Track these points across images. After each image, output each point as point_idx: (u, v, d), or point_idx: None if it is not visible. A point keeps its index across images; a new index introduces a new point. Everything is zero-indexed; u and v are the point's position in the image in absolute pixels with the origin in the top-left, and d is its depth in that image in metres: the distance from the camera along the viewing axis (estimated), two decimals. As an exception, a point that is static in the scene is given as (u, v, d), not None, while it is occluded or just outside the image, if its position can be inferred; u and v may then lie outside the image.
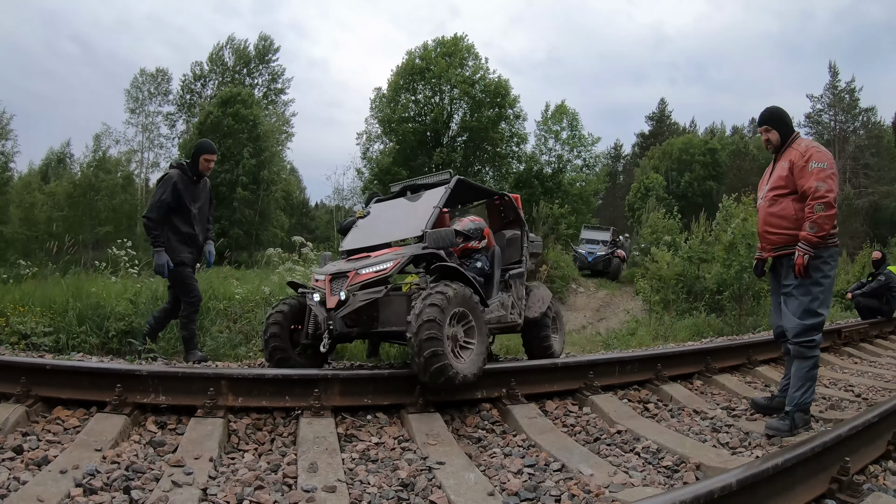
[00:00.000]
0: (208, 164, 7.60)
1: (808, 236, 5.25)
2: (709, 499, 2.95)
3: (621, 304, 23.75)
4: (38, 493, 3.51)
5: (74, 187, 47.35)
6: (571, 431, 5.36)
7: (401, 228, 6.89)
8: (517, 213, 8.00)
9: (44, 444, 4.37)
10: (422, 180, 7.44)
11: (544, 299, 7.83)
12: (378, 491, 3.89)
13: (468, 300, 5.56)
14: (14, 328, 7.76)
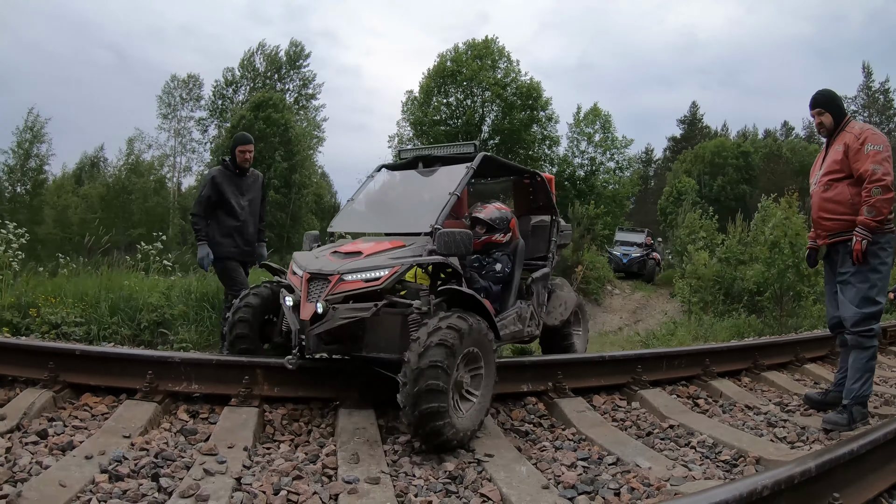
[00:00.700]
0: (244, 156, 7.54)
1: (866, 220, 5.06)
2: (789, 483, 2.92)
3: (657, 306, 23.47)
4: (61, 477, 3.43)
5: (108, 190, 47.95)
6: (622, 426, 5.20)
7: (404, 217, 5.87)
8: (549, 197, 6.98)
9: (70, 429, 4.33)
10: (439, 151, 6.21)
11: (567, 304, 7.01)
12: (425, 483, 3.76)
13: (482, 339, 4.46)
14: (45, 318, 7.83)
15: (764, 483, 2.81)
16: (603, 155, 47.72)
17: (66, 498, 3.23)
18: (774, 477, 2.89)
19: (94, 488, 3.40)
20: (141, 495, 3.34)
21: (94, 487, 3.41)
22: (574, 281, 22.13)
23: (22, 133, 47.33)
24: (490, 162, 6.04)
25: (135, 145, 53.09)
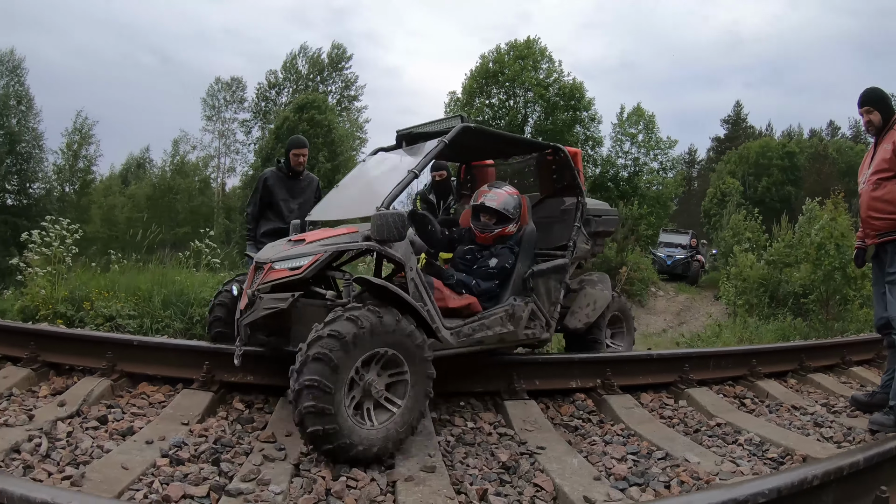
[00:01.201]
0: (298, 159, 7.56)
1: None
2: (838, 474, 3.04)
3: (702, 309, 23.28)
4: (123, 461, 3.58)
5: (154, 190, 48.75)
6: (669, 423, 5.24)
7: (360, 201, 5.11)
8: (574, 175, 6.10)
9: (128, 416, 4.51)
10: (423, 127, 5.59)
11: (597, 303, 6.24)
12: (479, 473, 3.86)
13: (402, 339, 3.92)
14: (98, 311, 8.08)
15: (814, 473, 2.93)
16: (646, 155, 47.31)
17: (129, 480, 3.38)
18: (824, 468, 3.01)
19: (156, 471, 3.55)
20: (202, 479, 3.48)
21: (156, 471, 3.56)
22: (618, 282, 22.06)
23: (71, 135, 48.31)
24: (476, 135, 5.36)
25: (180, 146, 54.01)
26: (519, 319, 5.16)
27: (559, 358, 5.82)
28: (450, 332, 4.60)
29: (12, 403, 4.62)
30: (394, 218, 4.17)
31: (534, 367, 5.59)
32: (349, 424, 3.68)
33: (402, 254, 4.37)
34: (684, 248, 30.92)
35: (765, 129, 71.05)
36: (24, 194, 34.58)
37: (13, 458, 3.59)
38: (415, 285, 4.40)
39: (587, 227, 6.15)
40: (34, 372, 5.24)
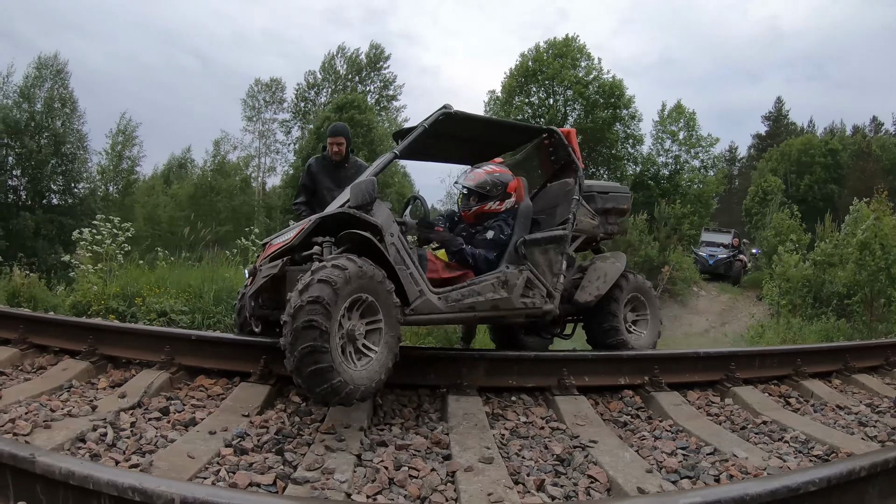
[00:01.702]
0: (332, 148, 7.53)
1: None
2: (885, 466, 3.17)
3: (744, 309, 23.07)
4: (188, 450, 3.71)
5: (195, 189, 49.42)
6: (716, 420, 5.26)
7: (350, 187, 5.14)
8: (569, 153, 6.25)
9: (189, 407, 4.65)
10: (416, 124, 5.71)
11: (607, 275, 6.25)
12: (535, 464, 3.95)
13: (375, 285, 4.21)
14: (150, 307, 8.29)
15: (862, 465, 3.05)
16: (688, 153, 46.96)
17: (196, 468, 3.50)
18: (871, 460, 3.13)
19: (221, 460, 3.68)
20: (267, 467, 3.61)
21: (221, 460, 3.69)
22: (660, 281, 21.97)
23: (115, 136, 49.14)
24: (459, 121, 5.53)
25: (220, 147, 54.75)
26: (513, 287, 5.27)
27: (608, 355, 5.88)
28: (437, 296, 4.82)
29: (73, 395, 4.79)
30: (366, 184, 4.51)
31: (584, 363, 5.66)
32: (341, 364, 3.97)
33: (382, 220, 4.61)
34: (726, 248, 30.64)
35: (806, 126, 69.93)
36: (70, 194, 35.20)
37: (79, 447, 3.73)
38: (395, 249, 4.64)
39: (592, 203, 6.30)
40: (93, 365, 5.43)
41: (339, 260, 4.07)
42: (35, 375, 5.31)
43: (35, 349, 5.86)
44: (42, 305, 9.37)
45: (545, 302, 5.58)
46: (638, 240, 22.27)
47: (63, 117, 35.26)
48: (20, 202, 32.70)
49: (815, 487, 2.88)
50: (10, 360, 5.57)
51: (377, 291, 4.23)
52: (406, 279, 4.62)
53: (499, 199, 5.68)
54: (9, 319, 6.12)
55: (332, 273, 3.95)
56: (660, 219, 25.43)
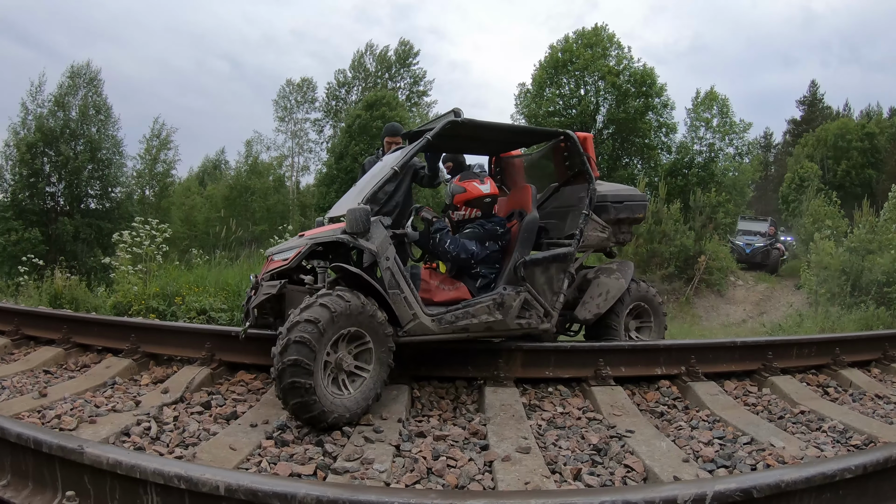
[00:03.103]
0: (389, 147, 7.35)
1: None
2: None
3: (782, 298, 22.71)
4: (230, 442, 3.86)
5: (230, 190, 49.90)
6: (753, 409, 5.25)
7: (350, 197, 5.45)
8: (583, 161, 6.03)
9: (230, 402, 4.80)
10: (426, 125, 5.92)
11: (609, 293, 6.17)
12: (572, 454, 4.00)
13: (367, 318, 4.40)
14: (190, 305, 8.44)
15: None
16: (722, 140, 46.37)
17: (238, 460, 3.65)
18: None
19: (262, 452, 3.82)
20: (308, 458, 3.74)
21: (262, 451, 3.83)
22: (697, 271, 21.79)
23: (149, 140, 49.73)
24: (466, 128, 5.48)
25: (253, 147, 55.17)
26: (508, 308, 5.27)
27: (645, 345, 5.86)
28: (431, 318, 4.90)
29: (116, 391, 4.99)
30: (360, 212, 4.61)
31: (620, 353, 5.67)
32: (326, 395, 4.18)
33: (377, 246, 4.75)
34: (763, 236, 30.22)
35: (842, 110, 68.56)
36: (107, 198, 35.69)
37: (123, 441, 3.89)
38: (390, 274, 4.77)
39: (604, 214, 6.16)
40: (135, 362, 5.63)
41: (328, 297, 4.27)
42: (79, 373, 5.52)
43: (78, 348, 6.10)
44: (83, 306, 9.54)
45: (542, 321, 5.54)
46: (673, 229, 22.02)
47: (98, 124, 35.71)
48: (59, 208, 33.22)
49: (851, 475, 2.88)
50: (55, 359, 5.82)
51: (366, 324, 4.42)
52: (399, 303, 4.76)
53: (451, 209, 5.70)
54: (53, 320, 6.37)
55: (318, 312, 4.16)
56: (695, 208, 25.05)
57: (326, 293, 4.32)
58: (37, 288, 10.93)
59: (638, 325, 6.62)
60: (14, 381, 5.16)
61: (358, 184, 5.88)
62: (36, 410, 4.38)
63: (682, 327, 14.20)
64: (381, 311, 4.51)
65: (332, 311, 4.18)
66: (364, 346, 4.47)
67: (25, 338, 6.44)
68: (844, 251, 16.47)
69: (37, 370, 5.58)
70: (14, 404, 4.46)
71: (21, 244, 28.84)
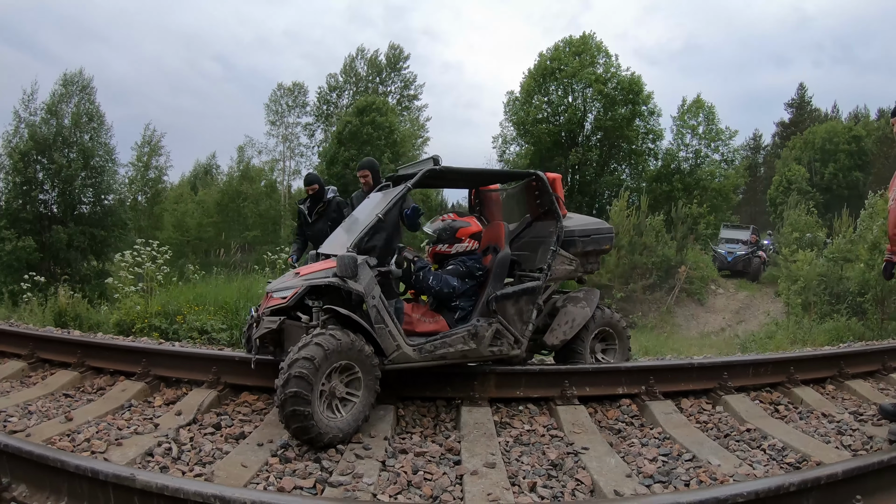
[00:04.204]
0: (361, 180, 8.43)
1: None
2: (816, 483, 3.55)
3: (761, 307, 23.24)
4: (241, 460, 4.51)
5: (222, 195, 50.25)
6: (704, 427, 5.73)
7: (341, 239, 6.14)
8: (551, 199, 6.62)
9: (237, 422, 5.41)
10: (405, 169, 6.73)
11: (574, 321, 6.64)
12: (531, 469, 4.62)
13: (356, 353, 5.04)
14: (191, 325, 8.98)
15: (791, 481, 3.50)
16: (708, 147, 46.96)
17: (249, 475, 4.29)
18: (802, 476, 3.57)
19: (269, 468, 4.47)
20: (308, 473, 4.40)
21: (269, 468, 4.48)
22: (678, 281, 22.33)
23: (140, 147, 50.09)
24: (444, 175, 6.24)
25: (245, 152, 55.61)
26: (482, 339, 5.88)
27: (607, 367, 6.40)
28: (412, 348, 5.53)
29: (134, 413, 5.59)
30: (350, 260, 5.24)
31: (584, 375, 6.22)
32: (322, 420, 4.83)
33: (364, 286, 5.37)
34: (745, 244, 30.75)
35: (831, 111, 69.00)
36: (99, 205, 35.90)
37: (148, 461, 4.48)
38: (376, 310, 5.40)
39: (572, 248, 6.73)
40: (147, 385, 6.22)
41: (321, 337, 4.89)
42: (97, 396, 6.10)
43: (92, 371, 6.69)
44: (87, 323, 10.04)
45: (512, 348, 6.13)
46: (654, 241, 22.59)
47: (91, 131, 35.89)
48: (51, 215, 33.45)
49: (744, 500, 3.35)
50: (72, 382, 6.43)
51: (356, 357, 5.07)
52: (384, 336, 5.39)
53: (447, 243, 6.30)
54: (68, 345, 6.99)
55: (314, 351, 4.79)
56: (677, 219, 25.59)
57: (320, 333, 4.96)
58: (40, 305, 11.44)
59: (604, 348, 7.09)
60: (39, 406, 5.70)
61: (347, 222, 6.68)
62: (66, 434, 4.92)
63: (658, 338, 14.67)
64: (368, 345, 5.17)
65: (325, 348, 4.82)
66: (354, 376, 5.11)
67: (40, 361, 7.00)
68: (823, 261, 16.83)
69: (57, 394, 6.13)
70: (44, 429, 5.00)
71: (15, 253, 29.11)
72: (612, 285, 21.66)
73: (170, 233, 47.51)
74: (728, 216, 43.67)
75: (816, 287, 16.48)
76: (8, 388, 6.33)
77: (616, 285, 21.66)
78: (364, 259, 5.42)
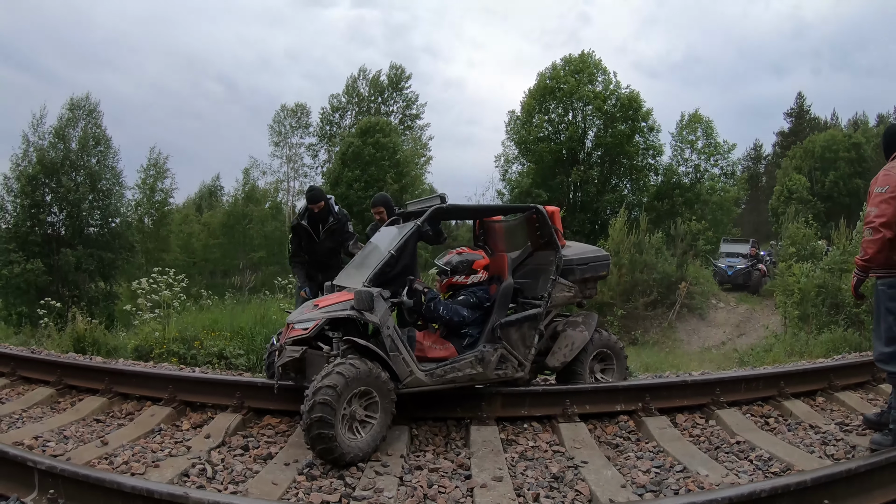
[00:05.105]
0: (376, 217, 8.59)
1: (856, 259, 5.54)
2: (786, 489, 3.90)
3: (761, 319, 23.40)
4: (271, 479, 4.94)
5: (227, 217, 50.63)
6: (696, 441, 6.07)
7: (357, 273, 6.57)
8: (550, 231, 7.05)
9: (264, 444, 5.84)
10: (412, 205, 7.28)
11: (574, 344, 6.98)
12: (535, 481, 5.04)
13: (374, 380, 5.45)
14: (209, 350, 9.37)
15: (763, 487, 3.89)
16: (707, 161, 47.33)
17: (280, 492, 4.74)
18: (773, 483, 3.95)
19: (298, 486, 4.90)
20: (333, 489, 4.84)
21: (297, 485, 4.92)
22: (679, 297, 22.62)
23: (146, 170, 50.49)
24: (450, 212, 6.93)
25: (250, 173, 56.14)
26: (488, 363, 6.33)
27: (606, 386, 6.83)
28: (424, 373, 5.97)
29: (164, 437, 6.01)
30: (366, 294, 5.67)
31: (584, 394, 6.64)
32: (345, 441, 5.22)
33: (379, 318, 5.79)
34: (745, 258, 30.97)
35: (830, 119, 69.11)
36: (107, 228, 36.22)
37: (185, 481, 4.91)
38: (391, 340, 5.82)
39: (570, 276, 7.11)
40: (174, 410, 6.62)
41: (343, 367, 5.31)
42: (127, 421, 6.51)
43: (119, 397, 7.09)
44: (104, 349, 10.37)
45: (516, 371, 6.59)
46: (654, 259, 22.88)
47: (97, 155, 36.26)
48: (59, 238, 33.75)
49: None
50: (102, 408, 6.83)
51: (373, 383, 5.47)
52: (398, 363, 5.81)
53: (464, 274, 6.74)
54: (95, 372, 7.44)
55: (337, 379, 5.20)
56: (676, 236, 25.85)
57: (341, 362, 5.39)
58: (59, 331, 11.81)
59: (602, 368, 7.39)
60: (73, 431, 6.09)
61: (360, 255, 7.19)
62: (104, 457, 5.30)
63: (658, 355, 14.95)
64: (384, 371, 5.59)
65: (346, 377, 5.24)
66: (372, 400, 5.50)
67: (68, 387, 7.39)
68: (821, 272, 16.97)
69: (88, 419, 6.51)
70: (83, 453, 5.38)
71: (24, 275, 29.51)
72: (614, 303, 21.91)
73: (176, 254, 47.92)
74: (729, 229, 43.86)
75: (815, 298, 16.55)
76: (40, 413, 6.72)
77: (618, 303, 21.90)
78: (379, 292, 5.85)
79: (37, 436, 5.84)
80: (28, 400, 7.03)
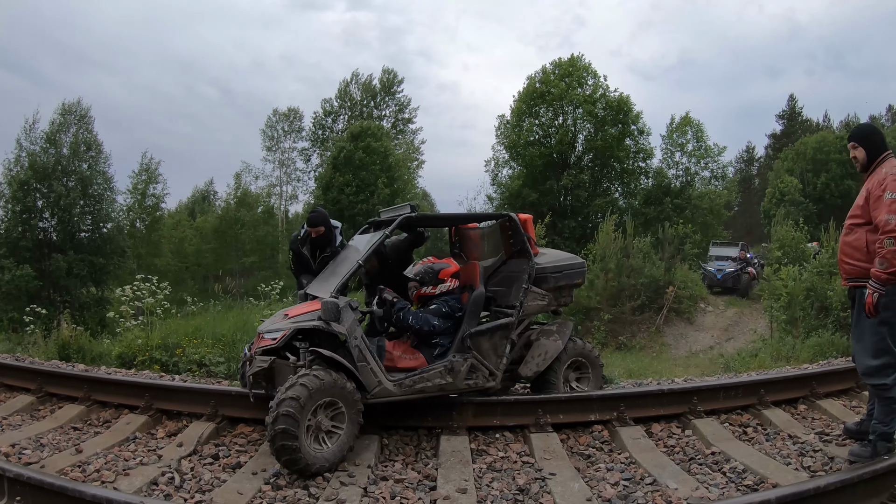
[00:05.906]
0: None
1: (877, 273, 4.94)
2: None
3: (750, 323, 23.29)
4: (237, 488, 4.98)
5: (220, 221, 50.60)
6: (670, 451, 6.02)
7: (326, 282, 6.62)
8: (523, 239, 7.00)
9: (234, 453, 5.88)
10: (386, 213, 7.16)
11: (547, 353, 6.96)
12: (500, 494, 5.04)
13: (339, 390, 5.47)
14: (190, 357, 9.41)
15: None
16: (697, 165, 47.36)
17: (244, 502, 4.78)
18: None
19: (262, 496, 4.94)
20: (297, 499, 4.87)
21: (262, 495, 4.95)
22: (666, 301, 22.63)
23: (137, 175, 50.39)
24: (419, 221, 7.12)
25: (242, 178, 55.95)
26: (458, 373, 6.33)
27: (579, 396, 6.80)
28: (393, 383, 6.00)
29: (138, 445, 6.04)
30: (332, 305, 5.73)
31: (557, 403, 6.64)
32: (310, 452, 5.27)
33: (346, 328, 5.85)
34: (734, 261, 30.94)
35: (821, 121, 69.30)
36: (98, 233, 36.11)
37: (153, 489, 4.95)
38: (358, 350, 5.87)
39: (544, 284, 7.09)
40: (150, 418, 6.66)
41: (306, 377, 5.34)
42: (103, 429, 6.54)
43: (98, 405, 7.11)
44: (89, 356, 10.36)
45: (487, 381, 6.59)
46: (641, 264, 22.90)
47: (89, 160, 36.18)
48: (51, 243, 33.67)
49: None
50: (80, 415, 6.85)
51: (339, 394, 5.51)
52: (366, 373, 5.85)
53: (431, 284, 6.69)
54: (74, 380, 7.42)
55: (299, 391, 5.23)
56: (664, 240, 25.82)
57: (305, 374, 5.41)
58: (44, 337, 11.81)
59: (578, 377, 7.36)
60: (50, 438, 6.12)
61: (332, 265, 7.16)
62: (77, 465, 5.34)
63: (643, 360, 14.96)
64: (351, 382, 5.63)
65: (309, 388, 5.27)
66: (338, 410, 5.54)
67: (48, 395, 7.41)
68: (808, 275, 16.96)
69: (66, 427, 6.54)
70: (57, 460, 5.43)
71: (14, 281, 29.42)
72: (600, 307, 21.92)
73: (168, 259, 47.90)
74: (720, 232, 43.89)
75: (803, 301, 16.50)
76: (20, 421, 6.76)
77: (605, 307, 21.91)
78: (347, 302, 5.91)
79: (14, 443, 5.88)
80: (8, 408, 7.07)
